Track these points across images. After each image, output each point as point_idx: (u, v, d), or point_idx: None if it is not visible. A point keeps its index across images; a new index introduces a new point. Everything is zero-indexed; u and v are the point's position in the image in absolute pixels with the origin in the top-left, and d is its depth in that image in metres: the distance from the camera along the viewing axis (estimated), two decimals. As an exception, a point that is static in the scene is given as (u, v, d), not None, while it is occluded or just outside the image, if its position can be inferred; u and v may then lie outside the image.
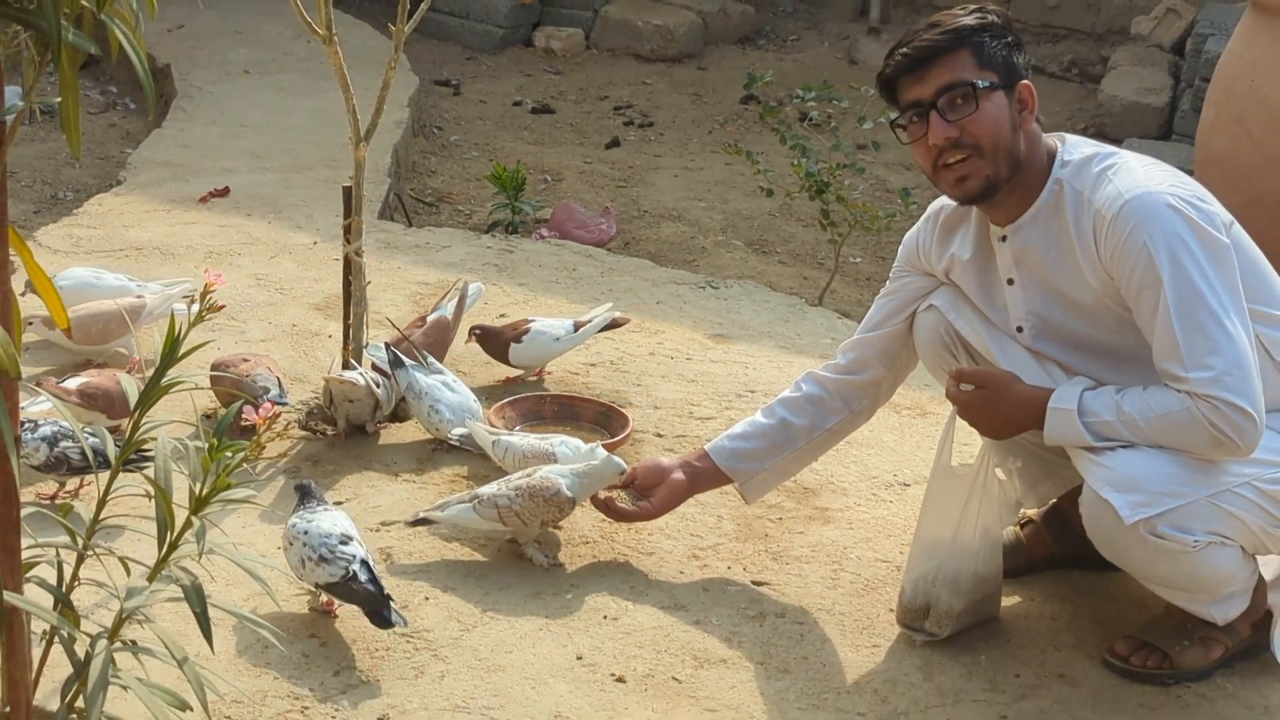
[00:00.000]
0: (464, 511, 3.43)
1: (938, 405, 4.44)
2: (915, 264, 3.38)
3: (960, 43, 3.01)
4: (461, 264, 5.51)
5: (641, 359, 4.75)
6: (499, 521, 3.40)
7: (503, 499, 3.40)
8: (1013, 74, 3.03)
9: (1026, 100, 3.03)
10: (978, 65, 3.00)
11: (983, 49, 3.01)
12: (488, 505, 3.40)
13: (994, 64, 3.01)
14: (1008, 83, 3.02)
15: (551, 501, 3.41)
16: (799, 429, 3.50)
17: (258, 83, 8.05)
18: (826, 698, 3.07)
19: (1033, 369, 3.13)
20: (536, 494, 3.40)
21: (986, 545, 3.26)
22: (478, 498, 3.43)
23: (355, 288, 4.06)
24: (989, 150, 3.01)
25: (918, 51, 3.03)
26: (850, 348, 3.49)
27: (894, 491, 3.98)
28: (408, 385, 3.99)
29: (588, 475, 3.45)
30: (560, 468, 3.49)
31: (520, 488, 3.42)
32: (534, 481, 3.43)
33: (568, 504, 3.43)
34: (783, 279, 6.33)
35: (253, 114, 7.45)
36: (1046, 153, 3.07)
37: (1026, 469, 3.37)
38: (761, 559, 3.58)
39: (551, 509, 3.42)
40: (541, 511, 3.41)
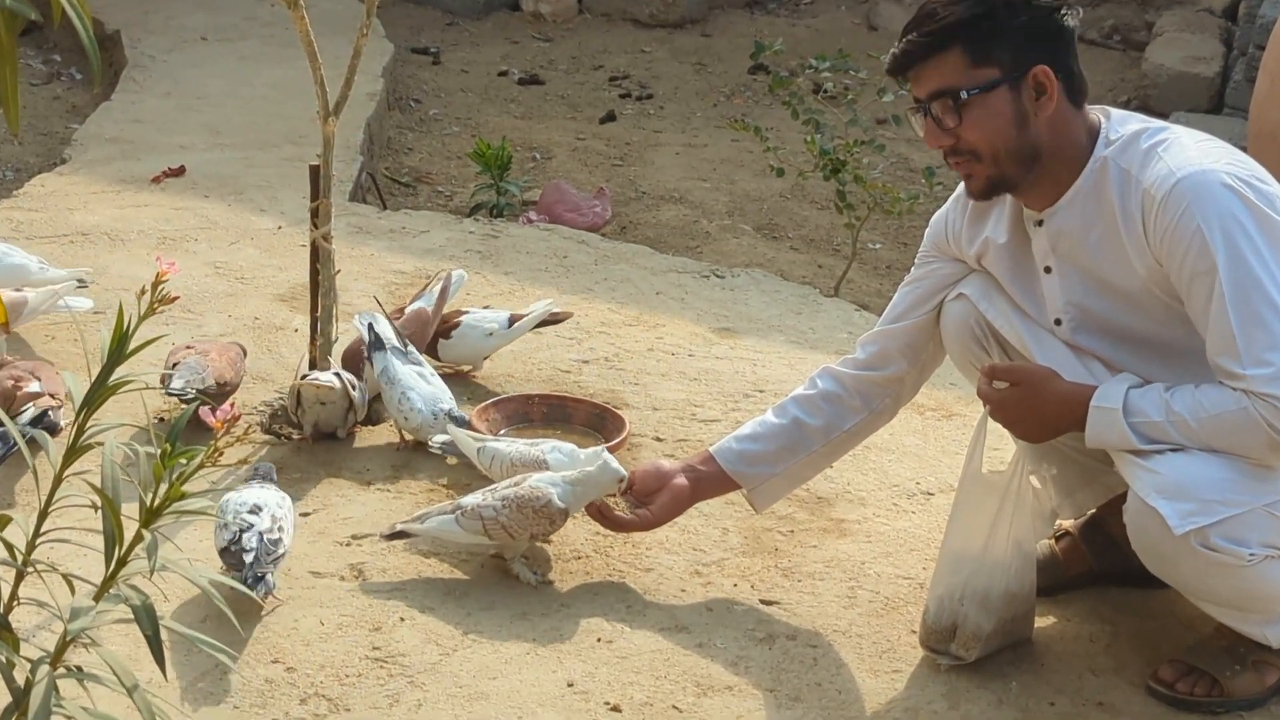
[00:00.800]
0: (445, 523, 3.42)
1: (965, 405, 4.43)
2: (943, 249, 3.37)
3: (949, 40, 3.02)
4: (441, 250, 5.51)
5: (639, 355, 4.74)
6: (484, 534, 3.40)
7: (488, 510, 3.40)
8: (1022, 60, 3.01)
9: (1044, 86, 3.01)
10: (971, 63, 3.01)
11: (978, 42, 3.00)
12: (472, 517, 3.40)
13: (994, 56, 3.00)
14: (1015, 72, 3.01)
15: (541, 513, 3.40)
16: (814, 430, 3.49)
17: (216, 51, 8.04)
18: (843, 728, 3.08)
19: (1073, 365, 3.12)
20: (525, 504, 3.40)
21: (1019, 560, 3.26)
22: (460, 508, 3.42)
23: (324, 277, 4.05)
24: (987, 156, 3.04)
25: (905, 51, 3.08)
26: (870, 341, 3.49)
27: (917, 501, 3.98)
28: (382, 370, 4.01)
29: (582, 483, 3.44)
30: (551, 475, 3.48)
31: (507, 498, 3.41)
32: (522, 491, 3.42)
33: (559, 515, 3.42)
34: (795, 267, 6.32)
35: (211, 85, 7.44)
36: (1088, 129, 3.07)
37: (1063, 475, 3.37)
38: (771, 575, 3.58)
39: (541, 521, 3.41)
40: (530, 524, 3.40)
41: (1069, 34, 3.04)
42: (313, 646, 3.19)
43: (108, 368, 2.23)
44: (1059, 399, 3.04)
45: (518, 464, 3.66)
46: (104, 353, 2.25)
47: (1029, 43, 3.01)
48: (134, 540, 2.07)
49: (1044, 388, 3.06)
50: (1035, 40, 3.01)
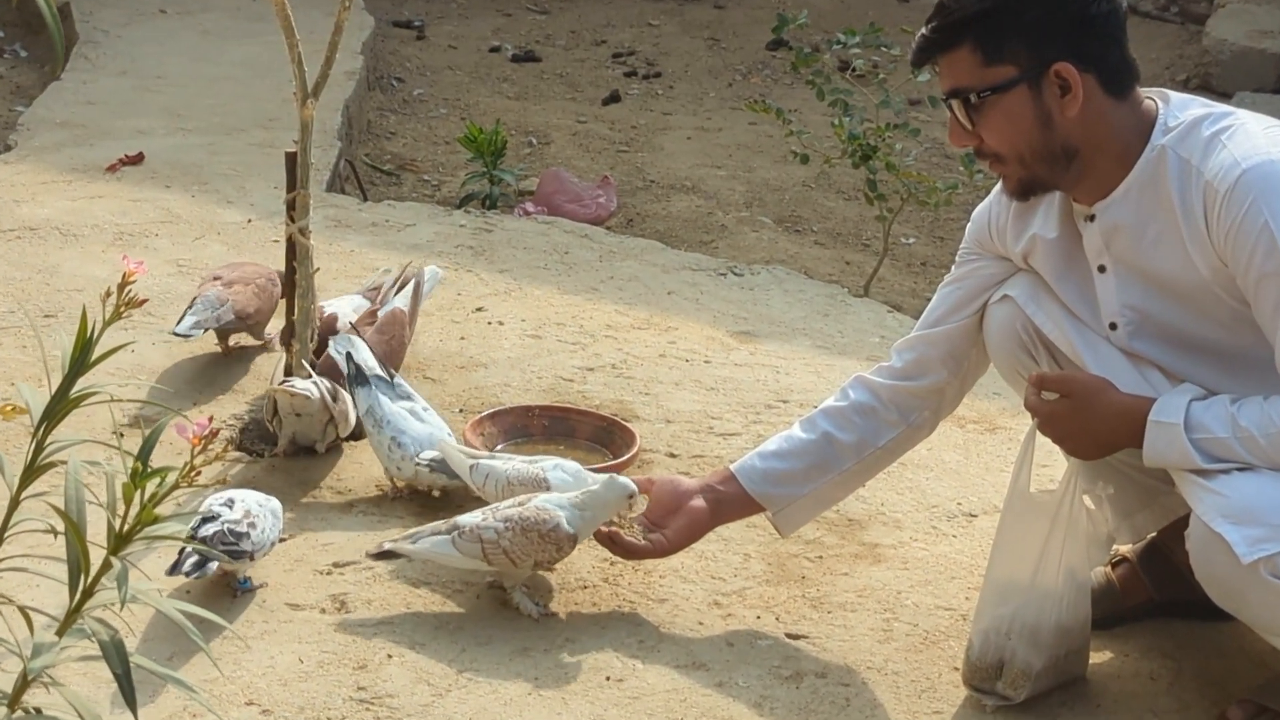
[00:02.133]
0: (440, 545, 3.43)
1: (1011, 418, 4.45)
2: (986, 245, 3.39)
3: (960, 36, 3.06)
4: (429, 246, 5.53)
5: (650, 362, 4.77)
6: (482, 559, 3.41)
7: (488, 531, 3.41)
8: (1041, 57, 3.03)
9: (1068, 83, 3.03)
10: (984, 61, 3.04)
11: (991, 38, 3.03)
12: (470, 538, 3.41)
13: (1008, 53, 3.03)
14: (1034, 70, 3.03)
15: (548, 538, 3.41)
16: (846, 446, 3.52)
17: (177, 24, 8.07)
18: (878, 776, 3.10)
19: (1129, 374, 3.14)
20: (530, 528, 3.41)
21: (1072, 589, 3.27)
22: (458, 529, 3.43)
23: (300, 276, 4.07)
24: (1010, 159, 3.09)
25: (920, 47, 3.13)
26: (907, 347, 3.51)
27: (959, 524, 4.00)
28: (367, 409, 3.93)
29: (589, 505, 3.46)
30: (558, 496, 3.49)
31: (510, 519, 3.42)
32: (527, 513, 3.42)
33: (567, 541, 3.44)
34: (820, 264, 6.35)
35: (171, 63, 7.46)
36: (1139, 117, 3.09)
37: (1120, 496, 3.37)
38: (798, 606, 3.60)
39: (547, 547, 3.42)
40: (535, 549, 3.41)
41: (1100, 21, 3.04)
42: (291, 687, 3.20)
43: (69, 378, 2.25)
44: (1114, 412, 3.06)
45: (515, 484, 3.67)
46: (65, 362, 2.27)
47: (1048, 37, 3.03)
48: (101, 569, 2.09)
49: (1097, 399, 3.08)
50: (1055, 33, 3.03)
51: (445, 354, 4.66)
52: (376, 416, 3.92)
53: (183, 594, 3.43)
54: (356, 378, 3.97)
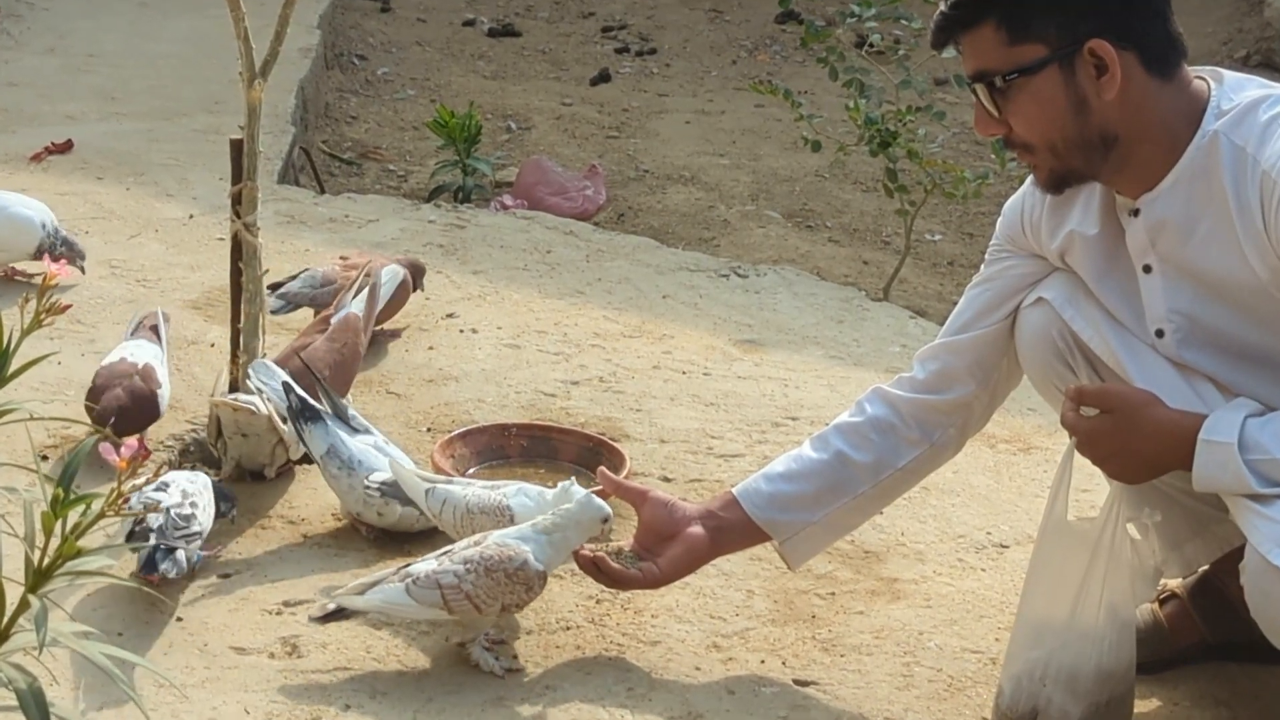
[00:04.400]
0: (393, 594, 3.38)
1: (1047, 437, 4.46)
2: (1019, 242, 3.40)
3: (982, 12, 3.08)
4: (394, 244, 5.54)
5: (643, 374, 4.78)
6: (443, 608, 3.37)
7: (447, 576, 3.37)
8: (1073, 34, 3.04)
9: (1104, 63, 3.04)
10: (1009, 39, 3.06)
11: (1016, 14, 3.05)
12: (427, 585, 3.37)
13: (1036, 31, 3.04)
14: (1065, 49, 3.04)
15: (515, 577, 3.39)
16: (862, 467, 3.52)
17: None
18: (897, 840, 3.10)
19: (1178, 387, 3.14)
20: (495, 567, 3.38)
21: (1114, 629, 3.27)
22: (412, 576, 3.41)
23: (248, 279, 4.07)
24: (1041, 148, 3.11)
25: (939, 25, 3.15)
26: (931, 356, 3.52)
27: (988, 556, 4.01)
28: (328, 449, 3.86)
29: (559, 529, 3.44)
30: (520, 529, 3.48)
31: (471, 560, 3.39)
32: (489, 551, 3.39)
33: (537, 580, 3.42)
34: (834, 264, 6.36)
35: (105, 40, 7.48)
36: (1189, 99, 3.10)
37: (1169, 524, 3.39)
38: (807, 649, 3.60)
39: (515, 588, 3.40)
40: (502, 591, 3.39)
41: None
42: (234, 741, 3.20)
43: (-16, 394, 2.26)
44: (1160, 430, 3.06)
45: (475, 512, 3.66)
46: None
47: (1080, 11, 3.03)
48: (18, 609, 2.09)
49: (1142, 416, 3.07)
50: (1088, 7, 3.03)
51: (411, 366, 4.66)
52: (341, 457, 3.86)
53: (113, 635, 3.42)
54: (303, 412, 3.89)
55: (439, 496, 3.71)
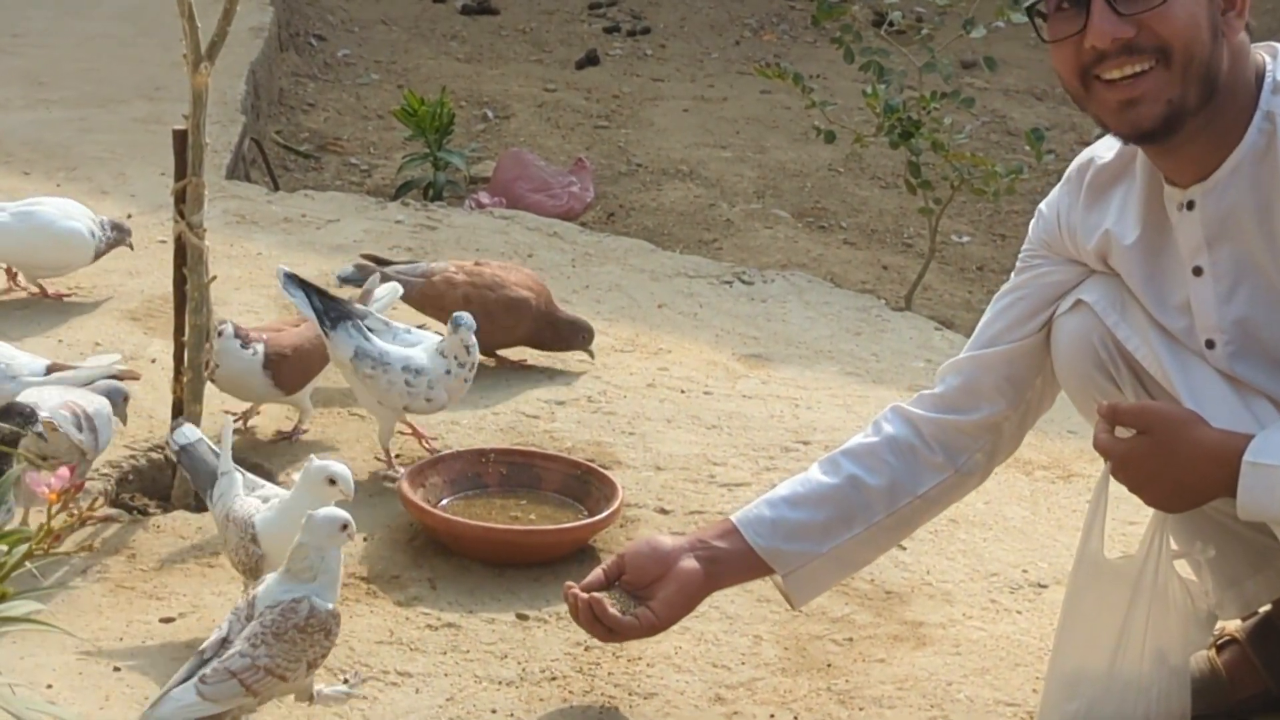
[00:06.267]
0: (185, 700, 3.26)
1: (1090, 462, 4.48)
2: (1056, 245, 3.42)
3: None
4: (357, 247, 5.56)
5: (636, 393, 4.82)
6: (245, 694, 3.27)
7: (236, 660, 3.26)
8: None
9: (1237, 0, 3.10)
10: None
11: None
12: (219, 678, 3.26)
13: None
14: None
15: (308, 629, 3.29)
16: (877, 493, 3.54)
17: (39, -29, 8.11)
18: None
19: (1230, 404, 3.16)
20: (283, 630, 3.28)
21: (1164, 678, 3.29)
22: (203, 676, 3.26)
23: (192, 286, 4.09)
24: (1180, 59, 3.05)
25: None
26: (955, 371, 3.54)
27: (1024, 597, 4.03)
28: (355, 351, 4.23)
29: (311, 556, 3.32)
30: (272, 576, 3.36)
31: (254, 635, 3.28)
32: (268, 618, 3.29)
33: (332, 621, 3.33)
34: (850, 269, 6.39)
35: (32, 16, 7.50)
36: (1254, 74, 3.12)
37: (1225, 559, 3.39)
38: (822, 702, 3.62)
39: (314, 637, 3.30)
40: (303, 650, 3.30)
41: None
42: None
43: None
44: (1201, 452, 3.06)
45: (229, 521, 3.64)
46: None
47: None
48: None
49: (1182, 437, 3.08)
50: None
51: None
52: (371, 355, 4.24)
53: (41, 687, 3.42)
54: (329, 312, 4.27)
55: (223, 488, 3.70)
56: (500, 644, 3.65)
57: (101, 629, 3.64)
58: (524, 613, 3.81)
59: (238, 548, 3.58)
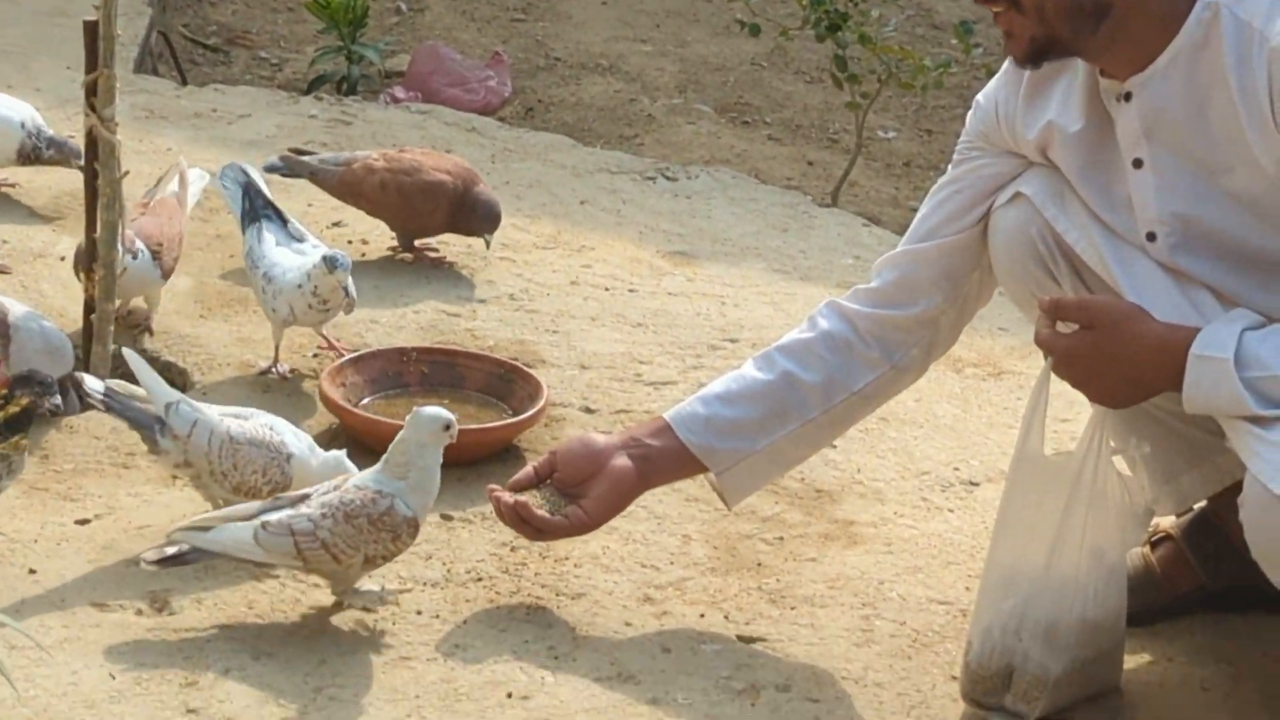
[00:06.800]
0: (241, 538, 3.40)
1: (1022, 359, 4.52)
2: (994, 137, 3.44)
3: None
4: (269, 142, 5.55)
5: (559, 291, 4.83)
6: (296, 556, 3.39)
7: (301, 522, 3.39)
8: None
9: None
10: None
11: None
12: (278, 532, 3.38)
13: None
14: None
15: (380, 524, 3.40)
16: (812, 390, 3.56)
17: None
18: (856, 814, 3.16)
19: (1172, 296, 3.19)
20: (356, 513, 3.40)
21: (1099, 575, 3.33)
22: (263, 521, 3.40)
23: (104, 181, 4.08)
24: (1030, 5, 3.11)
25: None
26: (892, 265, 3.56)
27: (955, 495, 4.07)
28: (247, 251, 4.34)
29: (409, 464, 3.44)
30: (372, 474, 3.47)
31: (329, 505, 3.41)
32: (349, 496, 3.41)
33: (405, 528, 3.43)
34: (776, 165, 6.40)
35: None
36: None
37: (1161, 456, 3.43)
38: (753, 601, 3.66)
39: (381, 536, 3.41)
40: (364, 540, 3.40)
41: None
42: (100, 709, 3.21)
43: None
44: (1146, 346, 3.10)
45: (242, 444, 3.65)
46: None
47: None
48: None
49: (1126, 330, 3.11)
50: None
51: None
52: (254, 259, 4.35)
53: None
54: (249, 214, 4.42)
55: (186, 417, 3.64)
56: (425, 545, 3.65)
57: (15, 531, 3.63)
58: (448, 513, 3.82)
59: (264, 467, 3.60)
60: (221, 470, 3.61)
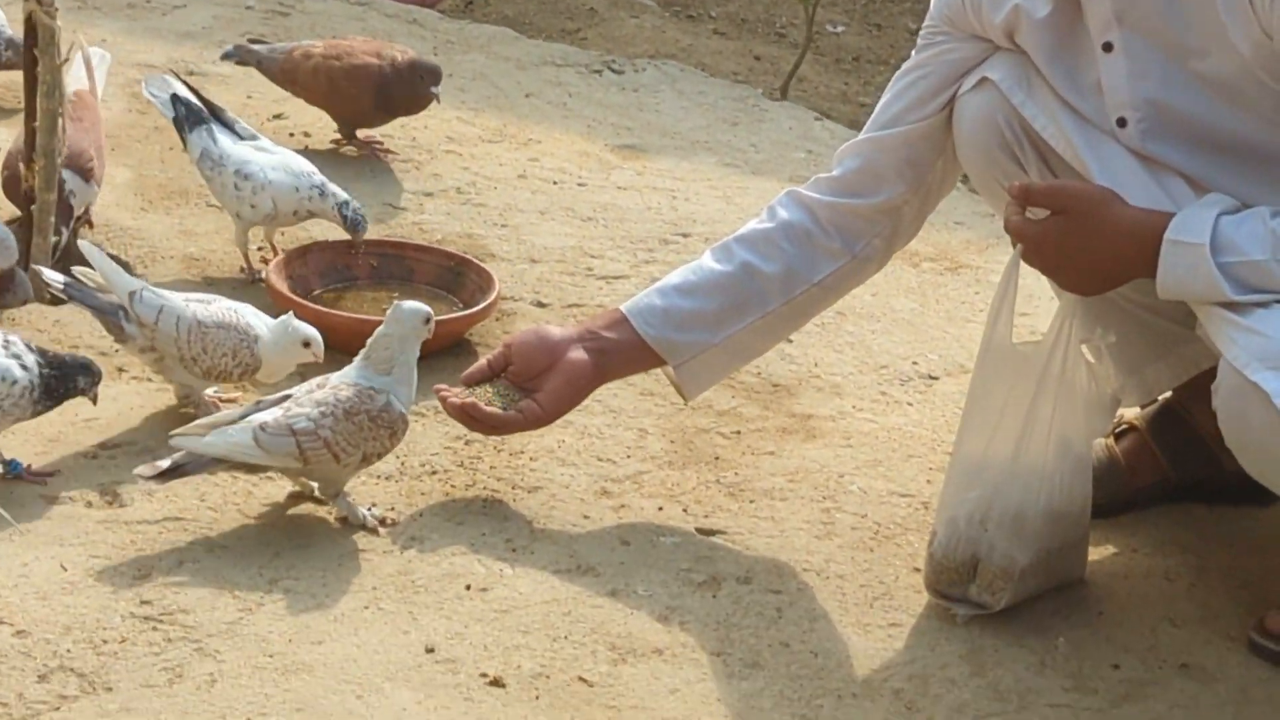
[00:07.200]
0: (238, 440, 3.43)
1: (980, 254, 4.55)
2: (958, 21, 3.44)
3: None
4: (207, 34, 5.54)
5: (507, 184, 4.84)
6: (297, 457, 3.43)
7: (302, 421, 3.43)
8: None
9: None
10: None
11: None
12: (278, 432, 3.41)
13: None
14: None
15: (379, 420, 3.46)
16: (772, 280, 3.58)
17: None
18: (821, 705, 3.17)
19: (1142, 182, 3.21)
20: (355, 411, 3.45)
21: (1066, 466, 3.36)
22: (259, 422, 3.44)
23: (44, 69, 4.07)
24: None
25: None
26: (854, 153, 3.57)
27: (914, 388, 4.10)
28: (201, 153, 4.27)
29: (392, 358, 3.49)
30: (354, 369, 3.53)
31: (327, 404, 3.46)
32: (345, 394, 3.46)
33: (400, 424, 3.50)
34: (722, 59, 6.40)
35: None
36: None
37: (1127, 345, 3.46)
38: (711, 494, 3.69)
39: (379, 432, 3.46)
40: (364, 438, 3.45)
41: None
42: (52, 601, 3.23)
43: None
44: (1120, 231, 3.12)
45: (209, 327, 3.69)
46: None
47: None
48: None
49: (1099, 215, 3.14)
50: None
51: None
52: (213, 157, 4.30)
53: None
54: (188, 118, 4.34)
55: (151, 304, 3.70)
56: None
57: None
58: (401, 407, 3.82)
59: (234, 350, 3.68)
60: (191, 355, 3.66)
